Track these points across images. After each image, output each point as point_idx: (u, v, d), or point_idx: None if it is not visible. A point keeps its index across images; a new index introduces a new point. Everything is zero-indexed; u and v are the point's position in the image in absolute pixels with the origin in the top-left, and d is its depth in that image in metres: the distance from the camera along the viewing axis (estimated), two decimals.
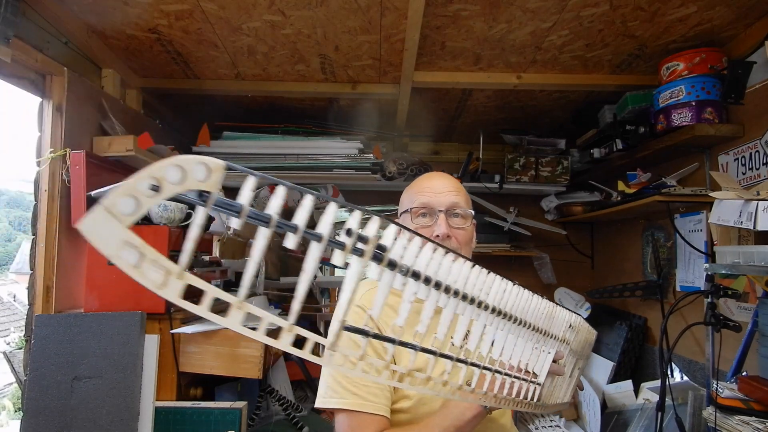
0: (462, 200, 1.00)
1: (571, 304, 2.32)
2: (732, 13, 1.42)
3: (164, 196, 0.31)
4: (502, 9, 1.43)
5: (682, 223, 1.78)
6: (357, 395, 0.87)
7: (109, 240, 0.30)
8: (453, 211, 0.99)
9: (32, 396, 1.20)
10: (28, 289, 1.40)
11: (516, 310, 0.54)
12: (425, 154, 2.67)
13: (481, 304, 0.49)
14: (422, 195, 1.00)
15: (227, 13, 1.46)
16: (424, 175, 1.08)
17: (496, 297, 0.52)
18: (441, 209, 0.97)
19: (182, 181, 0.31)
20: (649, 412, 1.66)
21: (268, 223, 0.36)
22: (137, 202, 0.30)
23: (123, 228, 0.30)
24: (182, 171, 0.31)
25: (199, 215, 0.33)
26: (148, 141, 1.66)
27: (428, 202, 0.99)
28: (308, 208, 0.38)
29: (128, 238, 0.30)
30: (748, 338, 1.35)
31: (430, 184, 1.02)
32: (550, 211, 2.57)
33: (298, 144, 2.17)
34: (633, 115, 1.87)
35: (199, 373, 1.45)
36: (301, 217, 0.37)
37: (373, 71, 1.86)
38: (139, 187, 0.30)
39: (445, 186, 1.01)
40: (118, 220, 0.30)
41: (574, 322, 0.75)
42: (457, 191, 1.01)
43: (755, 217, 1.10)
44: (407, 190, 1.07)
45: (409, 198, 1.03)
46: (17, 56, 1.28)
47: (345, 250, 0.38)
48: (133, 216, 0.30)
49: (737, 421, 1.08)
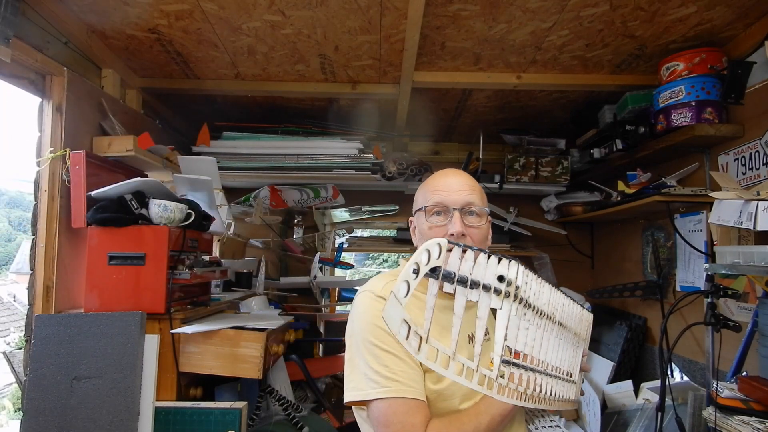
0: (477, 198, 0.99)
1: None
2: (732, 13, 1.42)
3: (421, 276, 0.46)
4: (502, 9, 1.43)
5: (682, 223, 1.77)
6: (399, 382, 0.85)
7: (394, 318, 0.46)
8: (468, 209, 0.98)
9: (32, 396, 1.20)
10: (28, 289, 1.40)
11: (567, 318, 0.63)
12: (425, 154, 2.66)
13: (551, 317, 0.61)
14: (437, 193, 0.99)
15: (227, 13, 1.46)
16: (439, 172, 1.06)
17: (562, 312, 0.64)
18: (456, 208, 0.96)
19: (428, 261, 0.46)
20: (649, 412, 1.66)
21: (465, 284, 0.50)
22: (408, 285, 0.46)
23: (402, 308, 0.46)
24: (428, 253, 0.47)
25: (432, 290, 0.49)
26: (148, 141, 1.66)
27: (443, 201, 0.98)
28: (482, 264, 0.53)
29: (405, 316, 0.46)
30: (748, 338, 1.35)
31: (445, 182, 1.01)
32: (550, 211, 2.57)
33: (298, 144, 2.17)
34: (633, 115, 1.87)
35: (199, 373, 1.45)
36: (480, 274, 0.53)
37: (373, 71, 1.86)
38: (409, 272, 0.46)
39: (461, 184, 1.00)
40: (399, 302, 0.45)
41: (589, 319, 0.77)
42: (472, 189, 1.00)
43: (755, 217, 1.10)
44: (422, 187, 1.05)
45: (424, 196, 1.02)
46: (17, 56, 1.28)
47: (500, 295, 0.51)
48: (407, 298, 0.47)
49: (737, 421, 1.08)
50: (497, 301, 0.50)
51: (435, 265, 0.44)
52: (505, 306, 0.52)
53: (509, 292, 0.51)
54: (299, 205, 2.46)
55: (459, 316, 0.49)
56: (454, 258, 0.50)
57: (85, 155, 1.44)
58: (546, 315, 0.60)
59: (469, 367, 0.51)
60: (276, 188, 2.37)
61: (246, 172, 2.15)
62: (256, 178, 2.20)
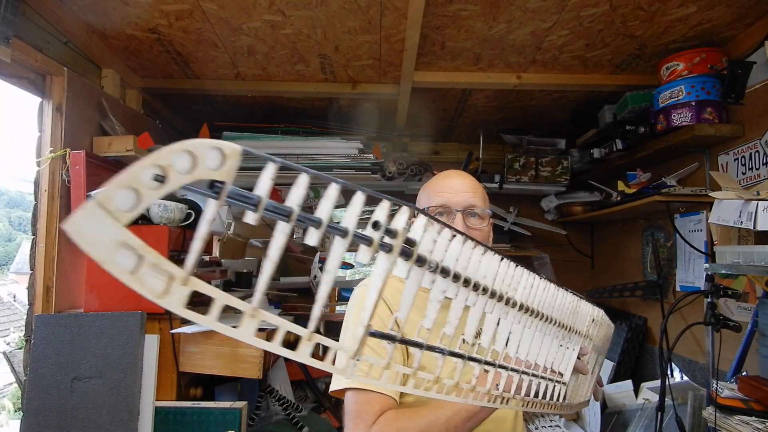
0: (479, 200, 1.00)
1: None
2: (732, 13, 1.42)
3: (170, 188, 0.25)
4: (502, 9, 1.43)
5: (682, 223, 1.77)
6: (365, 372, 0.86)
7: (101, 241, 0.24)
8: (470, 211, 0.98)
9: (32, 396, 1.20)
10: (28, 289, 1.40)
11: (543, 306, 0.50)
12: (425, 154, 2.66)
13: (509, 301, 0.46)
14: (440, 195, 0.99)
15: (227, 13, 1.46)
16: (442, 174, 1.07)
17: (524, 293, 0.48)
18: (458, 209, 0.97)
19: (192, 170, 0.25)
20: (649, 412, 1.66)
21: (289, 217, 0.30)
22: (138, 195, 0.24)
23: (119, 226, 0.24)
24: (192, 157, 0.25)
25: (211, 209, 0.27)
26: (148, 141, 1.66)
27: (446, 203, 0.98)
28: (333, 199, 0.33)
29: (125, 238, 0.24)
30: (748, 338, 1.35)
31: (448, 184, 1.01)
32: (550, 211, 2.57)
33: (298, 144, 2.17)
34: (633, 115, 1.87)
35: (199, 373, 1.45)
36: (324, 210, 0.32)
37: (373, 71, 1.86)
38: (141, 178, 0.24)
39: (464, 186, 1.00)
40: (114, 217, 0.24)
41: (596, 317, 0.73)
42: (474, 191, 1.00)
43: (755, 217, 1.10)
44: (424, 188, 1.05)
45: (426, 197, 1.02)
46: (17, 56, 1.28)
47: (372, 245, 0.32)
48: (133, 212, 0.24)
49: (737, 421, 1.08)
50: (366, 253, 0.32)
51: (215, 180, 0.27)
52: (381, 262, 0.33)
53: (391, 245, 0.33)
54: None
55: (331, 271, 0.32)
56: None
57: (85, 155, 1.44)
58: (502, 297, 0.44)
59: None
60: (276, 188, 2.37)
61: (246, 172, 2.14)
62: (256, 178, 2.19)
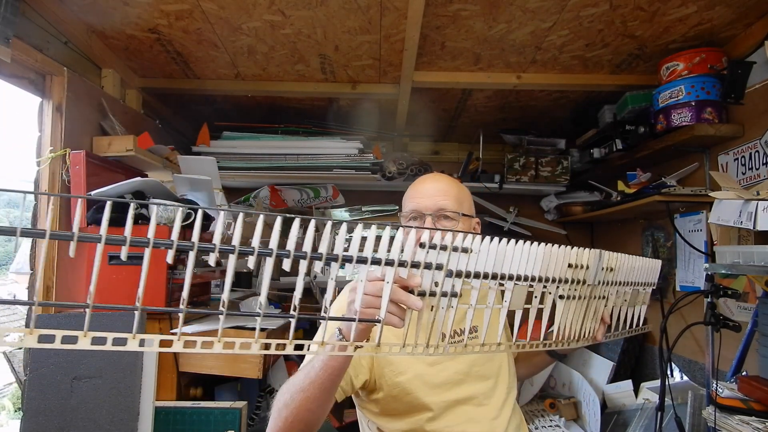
0: (451, 203, 1.02)
1: None
2: (732, 13, 1.42)
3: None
4: (502, 9, 1.43)
5: (682, 223, 1.77)
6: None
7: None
8: (441, 213, 1.01)
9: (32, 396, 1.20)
10: (28, 289, 1.40)
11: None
12: (425, 154, 2.66)
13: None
14: (412, 200, 1.05)
15: (227, 13, 1.46)
16: (419, 179, 1.11)
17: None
18: (428, 213, 1.01)
19: None
20: (648, 412, 1.66)
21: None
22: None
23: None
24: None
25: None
26: (148, 141, 1.66)
27: (417, 207, 1.03)
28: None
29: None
30: (748, 338, 1.35)
31: (420, 189, 1.06)
32: (550, 211, 2.57)
33: (298, 144, 2.17)
34: (633, 115, 1.87)
35: (199, 373, 1.45)
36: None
37: (373, 71, 1.86)
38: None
39: (435, 189, 1.04)
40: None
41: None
42: (446, 194, 1.03)
43: (755, 217, 1.10)
44: (406, 193, 1.10)
45: (404, 203, 1.08)
46: (17, 56, 1.28)
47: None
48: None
49: (737, 421, 1.08)
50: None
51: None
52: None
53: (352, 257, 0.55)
54: (299, 205, 2.46)
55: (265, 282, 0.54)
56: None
57: (85, 155, 1.44)
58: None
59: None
60: (276, 188, 2.37)
61: (246, 172, 2.15)
62: (256, 178, 2.20)
